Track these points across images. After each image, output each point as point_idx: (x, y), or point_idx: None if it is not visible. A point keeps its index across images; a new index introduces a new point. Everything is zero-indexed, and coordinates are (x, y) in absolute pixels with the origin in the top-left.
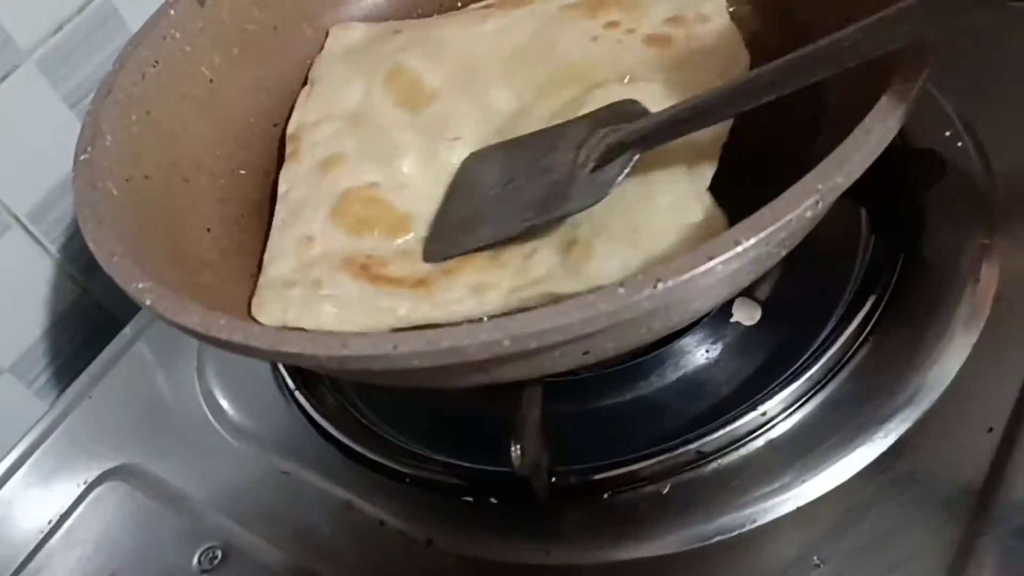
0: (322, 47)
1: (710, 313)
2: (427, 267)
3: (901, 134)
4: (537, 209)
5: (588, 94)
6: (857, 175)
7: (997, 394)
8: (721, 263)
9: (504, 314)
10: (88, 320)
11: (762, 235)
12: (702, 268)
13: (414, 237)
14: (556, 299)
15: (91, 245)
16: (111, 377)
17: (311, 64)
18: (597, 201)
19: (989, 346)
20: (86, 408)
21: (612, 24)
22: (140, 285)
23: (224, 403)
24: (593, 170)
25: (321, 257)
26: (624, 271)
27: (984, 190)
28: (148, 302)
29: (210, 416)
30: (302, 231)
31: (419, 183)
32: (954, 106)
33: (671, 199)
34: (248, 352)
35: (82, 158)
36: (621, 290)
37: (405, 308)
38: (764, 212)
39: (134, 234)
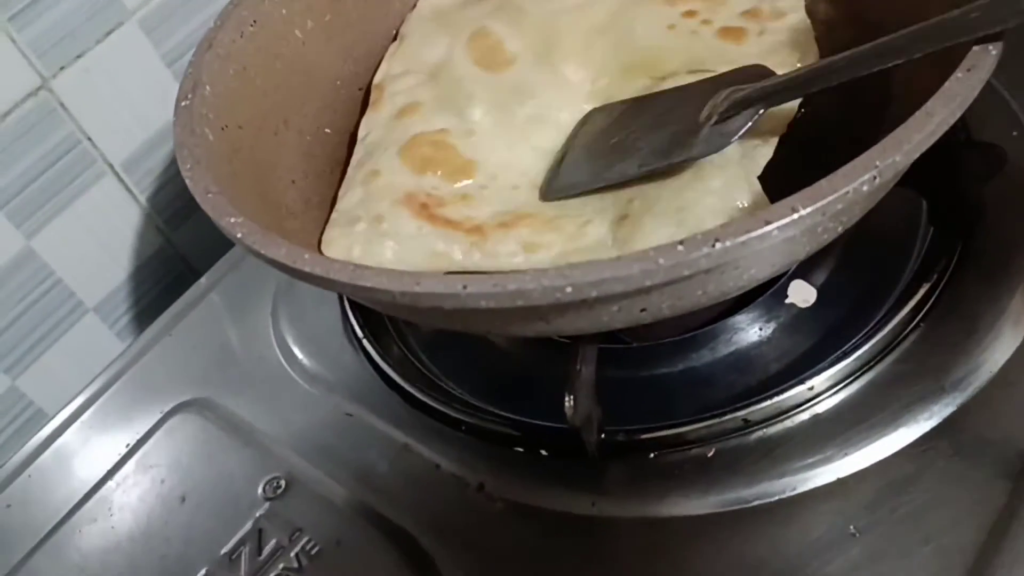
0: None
1: (766, 289)
2: (485, 215)
3: (966, 128)
4: (657, 155)
5: (657, 84)
6: (915, 155)
7: None
8: (777, 228)
9: None
10: (170, 269)
11: (819, 204)
12: (758, 232)
13: (474, 183)
14: None
15: (188, 182)
16: (188, 322)
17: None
18: (719, 149)
19: None
20: (163, 348)
21: (690, 13)
22: (232, 220)
23: (295, 348)
24: (716, 123)
25: (386, 189)
26: None
27: None
28: (239, 235)
29: (282, 359)
30: (371, 167)
31: (487, 133)
32: (1021, 103)
33: (721, 182)
34: (328, 285)
35: (183, 104)
36: (680, 247)
37: (460, 253)
38: (823, 183)
39: (227, 177)
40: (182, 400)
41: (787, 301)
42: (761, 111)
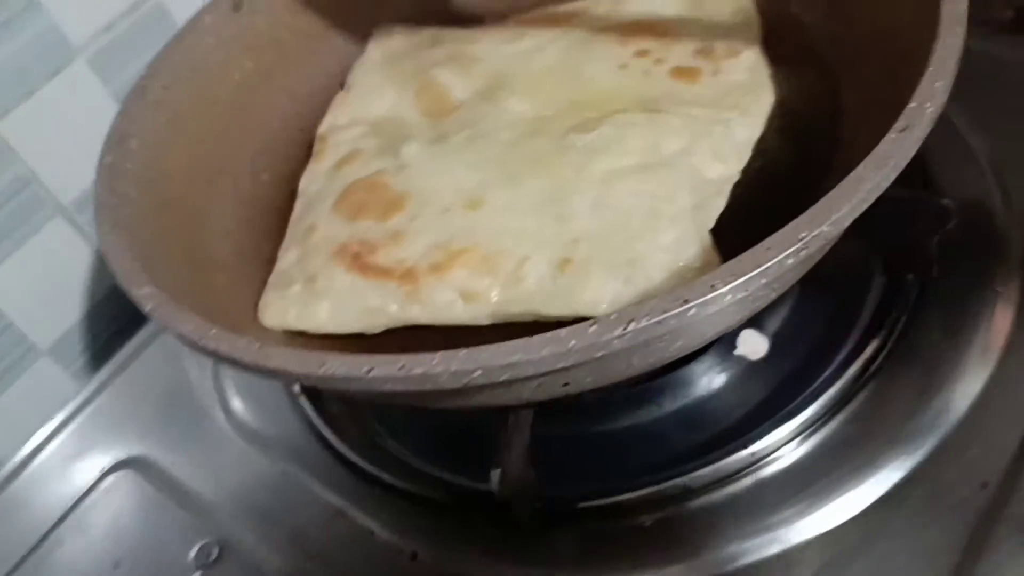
0: (354, 54)
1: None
2: (417, 252)
3: (923, 169)
4: None
5: (609, 119)
6: (846, 224)
7: (995, 448)
8: (695, 307)
9: (491, 324)
10: (125, 307)
11: (739, 281)
12: (675, 311)
13: (405, 216)
14: (541, 319)
15: (103, 247)
16: (135, 367)
17: (340, 71)
18: None
19: (993, 398)
20: (108, 396)
21: (642, 52)
22: (143, 291)
23: (235, 401)
24: None
25: (321, 243)
26: (614, 306)
27: (1004, 236)
28: (148, 308)
29: (221, 413)
30: (309, 222)
31: (420, 164)
32: (981, 144)
33: (672, 238)
34: (233, 364)
35: (106, 160)
36: (592, 328)
37: (395, 306)
38: (744, 258)
39: (150, 235)
40: (123, 457)
41: (736, 353)
42: None
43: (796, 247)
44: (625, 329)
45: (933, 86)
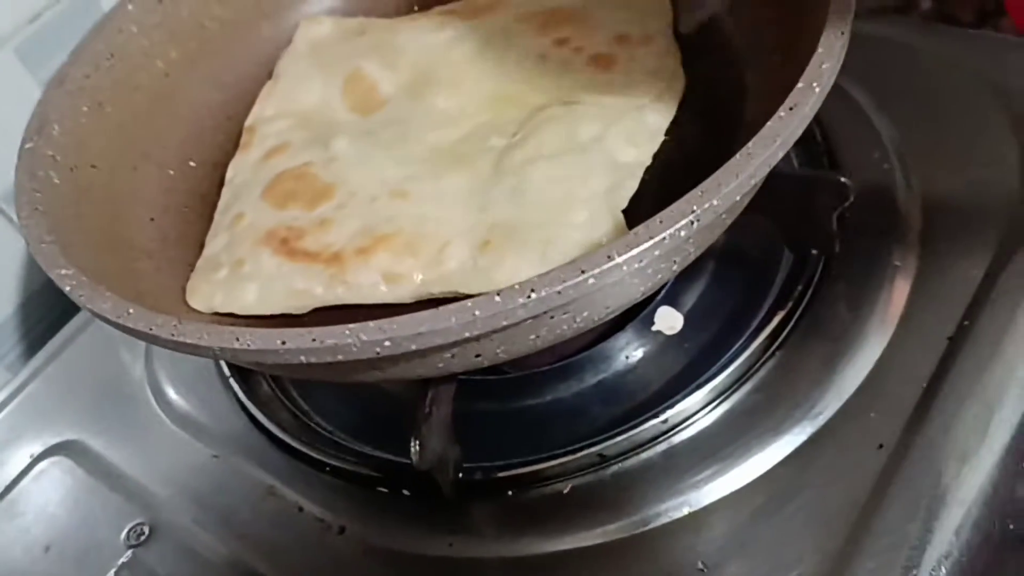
0: (281, 43)
1: (636, 314)
2: (344, 238)
3: (828, 150)
4: None
5: (530, 119)
6: (736, 198)
7: (891, 413)
8: (594, 276)
9: (416, 302)
10: (59, 299)
11: (634, 252)
12: (573, 280)
13: (333, 204)
14: (461, 297)
15: (23, 231)
16: (66, 356)
17: (268, 60)
18: None
19: (889, 367)
20: (40, 384)
21: (561, 41)
22: (62, 272)
23: (167, 387)
24: None
25: (249, 230)
26: None
27: (904, 212)
28: (67, 288)
29: (153, 399)
30: (237, 210)
31: (349, 157)
32: (886, 126)
33: (586, 216)
34: (153, 341)
35: (27, 147)
36: (497, 298)
37: (320, 287)
38: (639, 230)
39: (71, 220)
40: (54, 442)
41: (653, 328)
42: None
43: (688, 219)
44: (528, 298)
45: (820, 67)
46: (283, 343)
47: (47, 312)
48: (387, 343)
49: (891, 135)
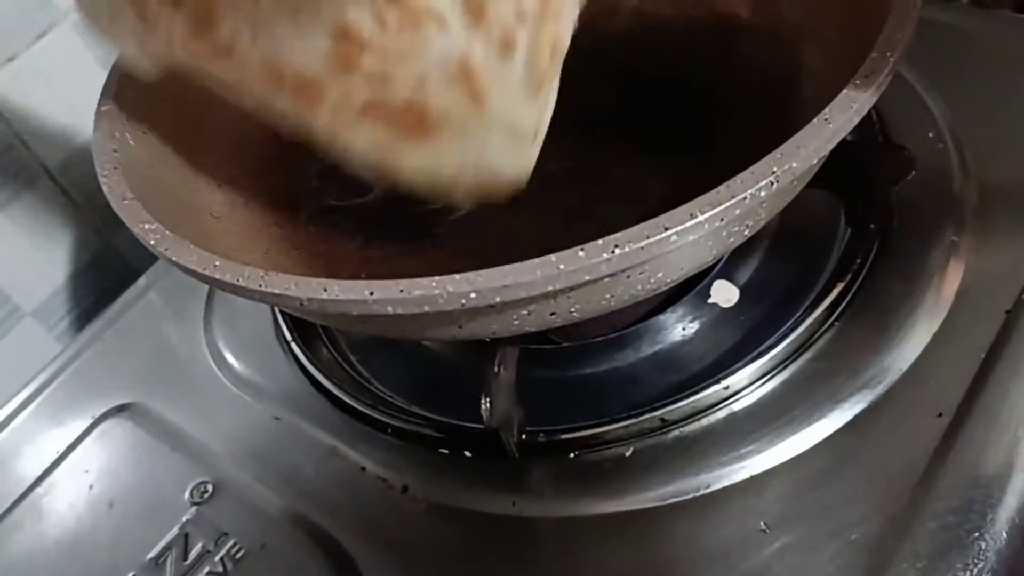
0: None
1: (690, 289)
2: None
3: (883, 129)
4: None
5: None
6: (812, 161)
7: (949, 383)
8: (676, 233)
9: None
10: (110, 271)
11: (717, 210)
12: (657, 237)
13: None
14: None
15: (104, 188)
16: (124, 323)
17: None
18: None
19: (947, 338)
20: (98, 350)
21: None
22: (146, 226)
23: (227, 352)
24: None
25: None
26: None
27: (959, 191)
28: (151, 241)
29: (213, 363)
30: None
31: None
32: (941, 109)
33: None
34: (237, 291)
35: (104, 109)
36: (581, 252)
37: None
38: (721, 189)
39: (146, 181)
40: (113, 405)
41: (710, 301)
42: None
43: (768, 179)
44: (612, 253)
45: (894, 36)
46: (371, 293)
47: (99, 283)
48: (473, 295)
49: (945, 116)
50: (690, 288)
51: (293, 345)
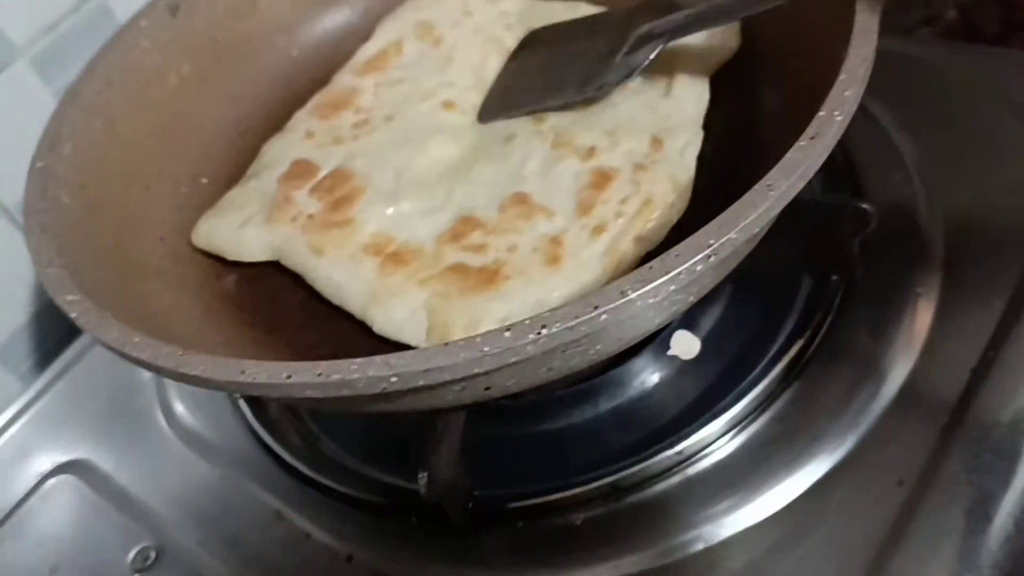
0: (295, 56)
1: (653, 338)
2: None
3: (852, 174)
4: (581, 85)
5: None
6: (754, 231)
7: (911, 447)
8: (606, 312)
9: None
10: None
11: (648, 287)
12: (586, 316)
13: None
14: None
15: (31, 254)
16: (78, 371)
17: (283, 73)
18: (625, 78)
19: (911, 399)
20: (51, 399)
21: None
22: (68, 298)
23: (177, 404)
24: (626, 55)
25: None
26: None
27: (927, 237)
28: (73, 315)
29: (162, 417)
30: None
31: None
32: (907, 146)
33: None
34: (156, 371)
35: (37, 165)
36: (507, 334)
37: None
38: (654, 264)
39: (80, 241)
40: (62, 461)
41: (670, 353)
42: (661, 47)
43: (704, 253)
44: (539, 334)
45: (843, 95)
46: (288, 376)
47: (62, 322)
48: (394, 379)
49: (913, 156)
50: (653, 338)
51: (240, 402)
